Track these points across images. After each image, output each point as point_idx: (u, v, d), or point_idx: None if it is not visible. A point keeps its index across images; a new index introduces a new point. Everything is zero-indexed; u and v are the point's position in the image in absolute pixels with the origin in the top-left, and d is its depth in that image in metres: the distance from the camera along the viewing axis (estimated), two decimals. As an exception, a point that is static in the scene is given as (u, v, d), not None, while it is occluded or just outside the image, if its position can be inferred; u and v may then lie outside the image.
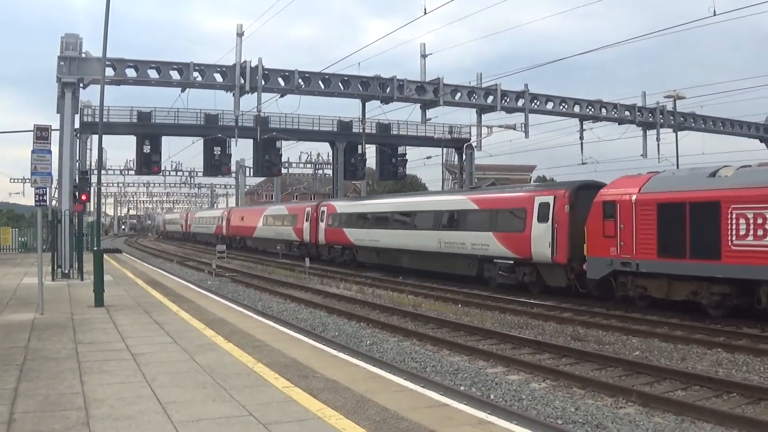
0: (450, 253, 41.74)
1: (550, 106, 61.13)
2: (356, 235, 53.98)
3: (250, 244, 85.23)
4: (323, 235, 59.38)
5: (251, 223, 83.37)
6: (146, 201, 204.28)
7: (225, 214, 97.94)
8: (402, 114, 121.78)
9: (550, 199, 34.53)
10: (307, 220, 63.06)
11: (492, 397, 15.60)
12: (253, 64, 49.25)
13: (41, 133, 23.16)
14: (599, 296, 30.98)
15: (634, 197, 29.24)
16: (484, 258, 38.67)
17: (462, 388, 16.29)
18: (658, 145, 67.20)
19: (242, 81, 48.75)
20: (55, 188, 44.64)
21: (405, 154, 76.20)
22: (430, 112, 56.79)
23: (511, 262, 36.51)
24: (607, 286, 30.58)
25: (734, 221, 25.58)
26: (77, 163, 53.52)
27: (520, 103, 58.76)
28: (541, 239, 34.33)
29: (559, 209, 33.84)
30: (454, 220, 42.67)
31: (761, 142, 78.84)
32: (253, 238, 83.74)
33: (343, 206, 59.13)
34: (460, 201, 42.91)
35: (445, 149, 79.78)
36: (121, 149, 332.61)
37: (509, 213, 37.71)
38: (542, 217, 34.58)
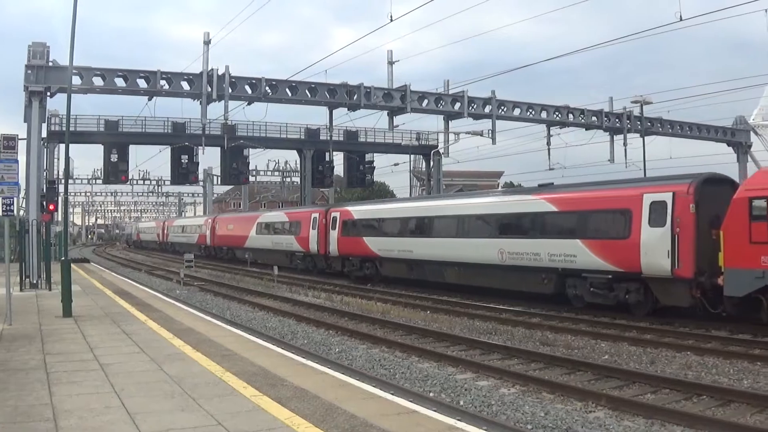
0: (517, 266, 33.91)
1: (517, 112, 61.53)
2: (381, 245, 45.96)
3: (240, 255, 74.80)
4: (336, 245, 51.27)
5: (241, 231, 73.88)
6: (114, 210, 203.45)
7: (209, 222, 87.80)
8: (369, 121, 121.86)
9: (667, 196, 27.76)
10: (313, 228, 54.83)
11: (461, 403, 15.57)
12: (220, 72, 49.32)
13: (8, 143, 23.05)
14: (738, 318, 25.63)
15: None
16: (567, 272, 31.53)
17: (431, 394, 16.27)
18: (625, 150, 67.76)
19: (209, 89, 48.83)
20: (23, 198, 44.47)
21: (372, 161, 76.54)
22: (397, 119, 57.09)
23: (609, 276, 29.52)
24: (752, 305, 24.49)
25: None
26: (45, 173, 53.38)
27: (487, 109, 59.03)
28: (654, 247, 27.47)
29: (681, 209, 27.15)
30: (523, 225, 34.93)
31: (728, 146, 79.32)
32: (244, 249, 72.84)
33: (362, 211, 50.76)
34: (532, 202, 34.45)
35: (412, 156, 79.69)
36: (88, 158, 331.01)
37: (606, 215, 30.75)
38: (656, 220, 27.79)
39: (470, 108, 58.03)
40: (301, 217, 58.82)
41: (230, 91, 50.02)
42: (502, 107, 60.48)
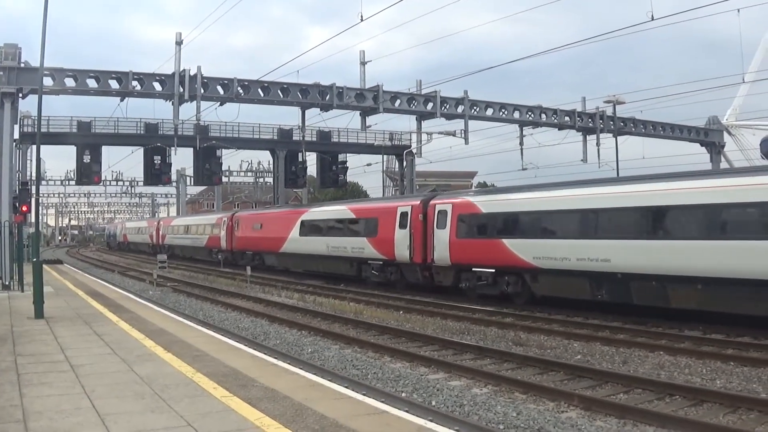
0: None
1: (489, 112, 61.38)
2: (540, 251, 31.43)
3: (272, 262, 59.92)
4: (446, 250, 36.45)
5: (277, 232, 57.23)
6: (87, 211, 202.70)
7: (225, 221, 71.06)
8: (342, 121, 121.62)
9: None
10: (402, 227, 40.23)
11: (433, 403, 15.55)
12: (192, 73, 49.09)
13: (-23, 145, 22.97)
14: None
15: None
16: None
17: (403, 394, 16.29)
18: (598, 150, 67.71)
19: (181, 90, 48.54)
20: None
21: (345, 162, 76.14)
22: (370, 119, 56.84)
23: None
24: None
25: None
26: (18, 174, 53.10)
27: (460, 109, 58.94)
28: None
29: None
30: None
31: (702, 146, 79.56)
32: (279, 254, 57.42)
33: (501, 202, 34.97)
34: None
35: (385, 156, 79.65)
36: (61, 159, 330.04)
37: None
38: None
39: (443, 108, 57.99)
40: (378, 212, 44.37)
41: (202, 91, 49.80)
42: (475, 107, 60.46)
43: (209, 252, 76.10)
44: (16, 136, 51.18)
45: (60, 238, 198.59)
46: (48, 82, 43.96)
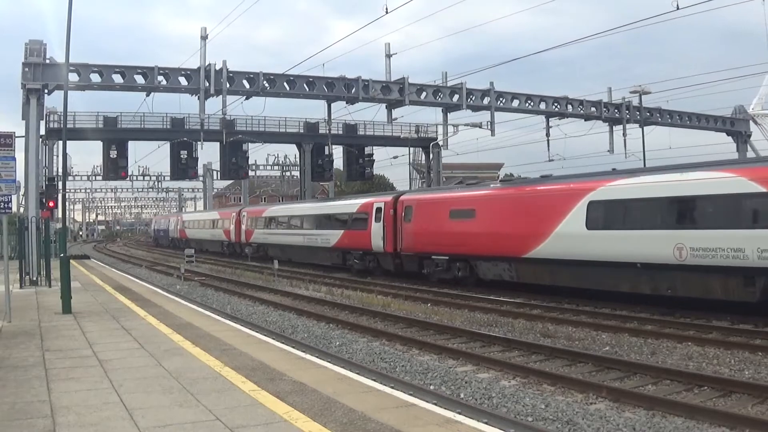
0: None
1: (515, 103, 61.43)
2: None
3: (500, 273, 35.12)
4: None
5: (518, 224, 33.38)
6: (114, 206, 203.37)
7: (381, 209, 44.78)
8: (368, 114, 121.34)
9: None
10: None
11: (461, 395, 15.49)
12: (217, 67, 49.20)
13: (4, 140, 22.95)
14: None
15: None
16: None
17: (431, 387, 16.22)
18: (625, 140, 67.71)
19: (207, 84, 48.73)
20: (23, 195, 44.36)
21: (372, 155, 76.12)
22: (396, 112, 57.05)
23: None
24: None
25: None
26: (44, 170, 53.36)
27: (486, 101, 58.97)
28: None
29: None
30: None
31: (728, 135, 79.33)
32: (525, 261, 33.02)
33: None
34: None
35: (411, 149, 79.49)
36: (88, 155, 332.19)
37: None
38: None
39: (469, 100, 58.05)
40: None
41: (228, 86, 50.03)
42: (501, 98, 60.52)
43: (341, 255, 51.16)
44: (43, 132, 51.41)
45: (85, 233, 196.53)
46: (73, 77, 44.18)
